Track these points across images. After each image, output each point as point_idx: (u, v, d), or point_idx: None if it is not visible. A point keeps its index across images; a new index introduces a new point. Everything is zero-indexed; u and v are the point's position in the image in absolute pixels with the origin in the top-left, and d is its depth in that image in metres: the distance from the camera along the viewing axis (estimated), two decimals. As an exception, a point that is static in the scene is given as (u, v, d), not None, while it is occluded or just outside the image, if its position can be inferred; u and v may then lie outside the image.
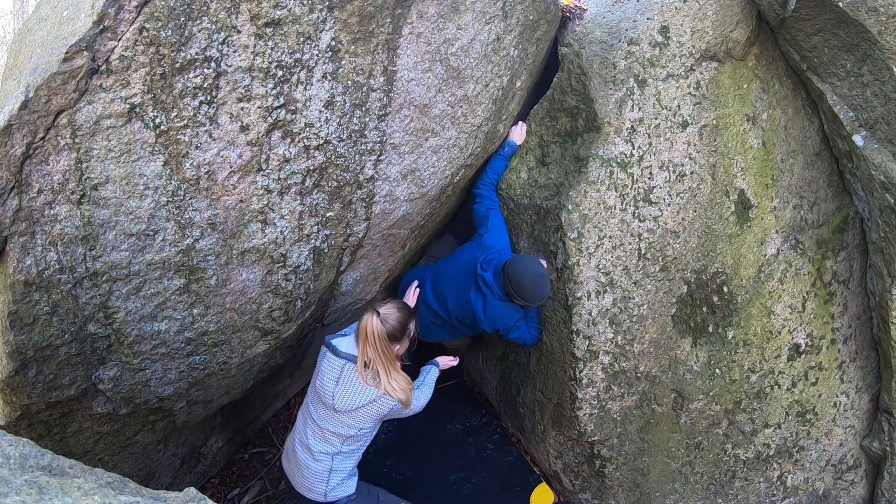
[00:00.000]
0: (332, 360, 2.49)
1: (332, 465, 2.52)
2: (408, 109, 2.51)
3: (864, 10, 2.70)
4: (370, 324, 2.41)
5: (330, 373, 2.48)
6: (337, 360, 2.48)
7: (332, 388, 2.46)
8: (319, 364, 2.56)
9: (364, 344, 2.42)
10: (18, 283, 2.07)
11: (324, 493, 2.53)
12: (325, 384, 2.48)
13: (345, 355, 2.48)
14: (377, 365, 2.42)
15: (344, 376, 2.45)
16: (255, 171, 2.26)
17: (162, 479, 3.14)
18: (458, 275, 3.00)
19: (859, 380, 3.59)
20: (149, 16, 1.90)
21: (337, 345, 2.53)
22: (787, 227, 3.34)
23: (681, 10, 3.00)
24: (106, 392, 2.44)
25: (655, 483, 3.43)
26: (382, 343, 2.41)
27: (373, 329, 2.40)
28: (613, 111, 2.98)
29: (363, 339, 2.42)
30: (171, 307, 2.36)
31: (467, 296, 2.92)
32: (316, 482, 2.53)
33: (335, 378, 2.46)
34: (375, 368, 2.43)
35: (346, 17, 2.19)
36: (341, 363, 2.47)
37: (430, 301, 3.10)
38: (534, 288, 2.77)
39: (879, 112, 2.94)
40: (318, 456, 2.51)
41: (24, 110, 1.90)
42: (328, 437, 2.50)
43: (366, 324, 2.42)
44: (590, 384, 3.16)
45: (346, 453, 2.53)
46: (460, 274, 2.99)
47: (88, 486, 1.26)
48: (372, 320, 2.42)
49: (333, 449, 2.50)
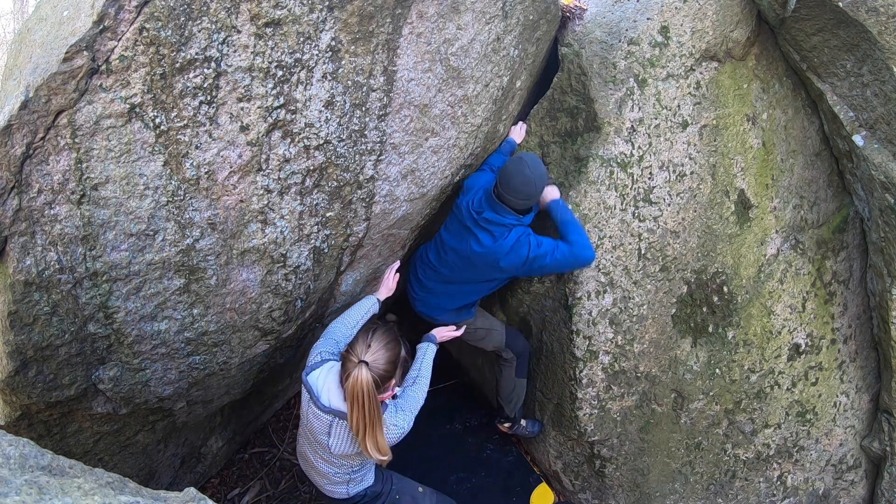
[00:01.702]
0: (319, 415, 2.29)
1: (349, 477, 2.47)
2: (408, 109, 2.51)
3: (864, 10, 2.70)
4: (360, 380, 2.14)
5: (319, 427, 2.31)
6: (323, 415, 2.28)
7: (325, 439, 2.32)
8: (305, 410, 2.37)
9: (353, 405, 2.17)
10: (18, 283, 2.07)
11: (346, 491, 2.50)
12: (317, 435, 2.33)
13: (330, 411, 2.26)
14: (360, 429, 2.19)
15: (334, 430, 2.29)
16: (255, 171, 2.26)
17: (162, 479, 3.14)
18: (454, 239, 2.86)
19: (859, 380, 3.59)
20: (149, 16, 1.90)
21: (318, 392, 2.28)
22: (787, 227, 3.34)
23: (681, 10, 3.00)
24: (106, 392, 2.44)
25: (655, 483, 3.43)
26: (371, 399, 2.17)
27: (362, 386, 2.14)
28: (613, 111, 2.98)
29: (352, 400, 2.17)
30: (171, 307, 2.36)
31: (473, 249, 2.72)
32: (338, 488, 2.50)
33: (326, 433, 2.30)
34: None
35: (346, 17, 2.19)
36: (329, 419, 2.27)
37: (434, 265, 2.95)
38: (527, 181, 2.57)
39: (879, 112, 2.94)
40: (335, 475, 2.45)
41: (24, 110, 1.90)
42: (337, 464, 2.41)
43: (354, 382, 2.15)
44: (590, 384, 3.16)
45: (358, 468, 2.46)
46: (454, 237, 2.85)
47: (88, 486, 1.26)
48: (361, 376, 2.15)
49: (345, 470, 2.44)
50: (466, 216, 2.77)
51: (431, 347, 2.78)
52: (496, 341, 3.19)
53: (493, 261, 2.72)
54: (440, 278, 2.95)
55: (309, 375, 2.32)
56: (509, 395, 3.35)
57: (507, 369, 3.26)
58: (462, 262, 2.83)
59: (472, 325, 3.12)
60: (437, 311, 3.02)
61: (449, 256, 2.88)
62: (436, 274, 2.96)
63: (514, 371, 3.25)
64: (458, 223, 2.84)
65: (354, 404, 2.17)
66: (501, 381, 3.33)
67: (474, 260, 2.76)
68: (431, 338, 2.83)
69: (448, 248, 2.88)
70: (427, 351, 2.73)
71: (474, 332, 3.16)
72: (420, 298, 3.06)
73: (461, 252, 2.80)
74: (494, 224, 2.69)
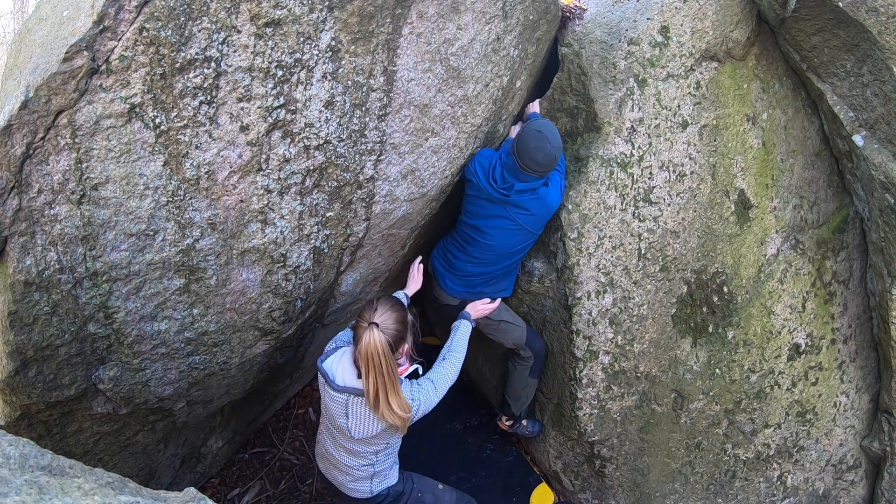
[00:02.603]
0: (335, 396, 2.28)
1: (373, 471, 2.41)
2: (408, 109, 2.51)
3: (864, 10, 2.70)
4: (372, 341, 2.11)
5: (336, 409, 2.29)
6: (339, 395, 2.26)
7: (344, 422, 2.28)
8: (323, 395, 2.38)
9: (368, 369, 2.13)
10: (18, 283, 2.07)
11: (369, 489, 2.45)
12: (336, 419, 2.30)
13: (345, 389, 2.25)
14: (379, 391, 2.15)
15: (351, 410, 2.25)
16: (255, 171, 2.26)
17: (162, 479, 3.14)
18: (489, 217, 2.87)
19: (859, 380, 3.59)
20: (149, 16, 1.90)
21: (332, 374, 2.29)
22: (787, 227, 3.34)
23: (681, 10, 3.00)
24: (106, 392, 2.44)
25: (655, 483, 3.43)
26: (387, 360, 2.13)
27: (376, 346, 2.11)
28: (613, 111, 2.98)
29: (367, 363, 2.13)
30: (171, 307, 2.36)
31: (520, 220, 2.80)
32: (360, 485, 2.45)
33: (343, 413, 2.27)
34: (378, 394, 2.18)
35: (346, 17, 2.19)
36: (344, 398, 2.25)
37: (468, 250, 2.95)
38: (549, 156, 2.67)
39: (879, 112, 2.94)
40: (359, 469, 2.39)
41: (24, 110, 1.90)
42: (360, 454, 2.36)
43: (367, 344, 2.12)
44: (590, 384, 3.16)
45: (382, 459, 2.41)
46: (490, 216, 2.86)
47: (88, 486, 1.26)
48: (373, 337, 2.12)
49: (369, 461, 2.38)
50: (495, 194, 2.81)
51: (465, 324, 2.66)
52: (517, 337, 3.18)
53: (546, 213, 2.87)
54: (477, 261, 2.97)
55: (324, 362, 2.33)
56: (518, 394, 3.35)
57: (522, 368, 3.25)
58: (509, 234, 2.87)
59: (497, 317, 3.11)
60: (477, 288, 3.02)
61: (489, 237, 2.88)
62: (472, 257, 2.96)
63: (529, 370, 3.25)
64: (486, 202, 2.85)
65: (370, 366, 2.12)
66: (513, 378, 3.32)
67: (528, 225, 2.85)
68: (466, 314, 2.73)
69: (484, 231, 2.88)
70: (460, 327, 2.63)
71: (497, 325, 3.14)
72: (452, 285, 3.03)
73: (506, 225, 2.84)
74: (526, 192, 2.78)
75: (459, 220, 3.04)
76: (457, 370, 2.51)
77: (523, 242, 2.95)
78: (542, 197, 2.81)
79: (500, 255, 2.94)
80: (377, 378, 2.13)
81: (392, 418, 2.17)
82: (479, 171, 2.84)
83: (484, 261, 2.95)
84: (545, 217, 2.90)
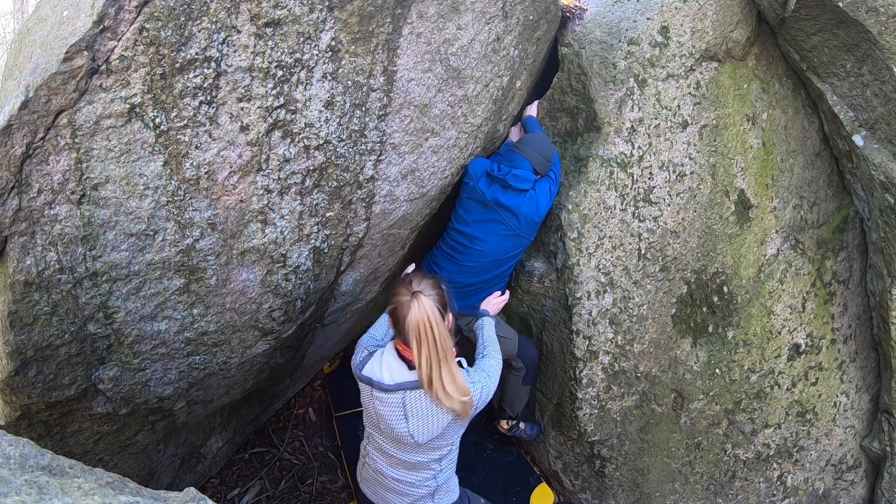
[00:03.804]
0: (388, 399, 2.05)
1: (436, 485, 2.20)
2: (408, 109, 2.51)
3: (864, 10, 2.70)
4: (422, 309, 1.93)
5: (392, 413, 2.06)
6: (391, 396, 2.04)
7: (404, 427, 2.05)
8: (370, 407, 2.14)
9: (421, 342, 1.93)
10: (18, 283, 2.07)
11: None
12: (395, 426, 2.06)
13: (397, 387, 2.04)
14: (433, 369, 1.95)
15: (410, 409, 2.03)
16: (255, 171, 2.26)
17: (162, 479, 3.14)
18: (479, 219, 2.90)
19: (859, 380, 3.59)
20: (149, 16, 1.90)
21: (379, 378, 2.08)
22: (787, 227, 3.34)
23: (681, 10, 3.00)
24: (106, 392, 2.44)
25: (655, 483, 3.43)
26: (439, 329, 1.94)
27: (427, 314, 1.92)
28: (613, 111, 2.98)
29: (418, 337, 1.93)
30: (171, 307, 2.36)
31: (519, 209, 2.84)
32: (422, 500, 2.24)
33: (402, 416, 2.04)
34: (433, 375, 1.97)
35: (346, 17, 2.19)
36: (399, 398, 2.03)
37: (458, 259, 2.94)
38: (547, 150, 2.93)
39: (879, 112, 2.93)
40: (421, 485, 2.18)
41: (24, 110, 1.89)
42: (421, 466, 2.15)
43: (417, 314, 1.93)
44: (590, 384, 3.16)
45: (445, 468, 2.21)
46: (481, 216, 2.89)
47: (88, 486, 1.26)
48: (423, 304, 1.94)
49: (432, 472, 2.17)
50: (489, 194, 2.84)
51: (488, 321, 2.61)
52: (509, 349, 3.14)
53: (536, 215, 2.90)
54: (469, 270, 2.95)
55: (363, 370, 2.14)
56: (512, 400, 3.36)
57: (515, 378, 3.23)
58: (501, 239, 2.89)
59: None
60: (471, 300, 2.97)
61: (481, 242, 2.89)
62: (463, 266, 2.94)
63: (522, 380, 3.24)
64: (479, 205, 2.89)
65: (422, 340, 1.93)
66: (507, 388, 3.32)
67: (519, 229, 2.89)
68: (484, 312, 2.68)
69: (476, 237, 2.90)
70: (485, 324, 2.57)
71: None
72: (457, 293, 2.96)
73: (498, 230, 2.87)
74: (522, 179, 2.83)
75: (449, 230, 3.03)
76: (500, 362, 2.36)
77: (515, 249, 2.95)
78: (531, 198, 2.85)
79: (492, 261, 2.93)
80: (430, 352, 1.94)
81: (449, 402, 1.97)
82: (475, 173, 2.88)
83: (475, 269, 2.94)
84: (535, 221, 2.91)
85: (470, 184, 2.88)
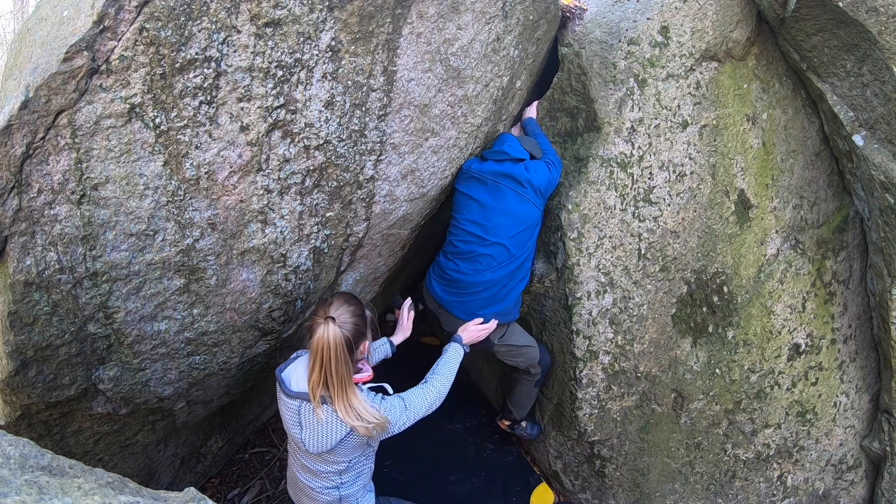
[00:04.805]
0: (289, 404, 2.09)
1: (339, 495, 2.22)
2: (408, 109, 2.51)
3: (864, 10, 2.70)
4: (328, 337, 1.95)
5: (289, 417, 2.11)
6: (291, 402, 2.08)
7: (298, 433, 2.09)
8: (279, 407, 2.19)
9: (315, 362, 1.97)
10: (18, 283, 2.07)
11: None
12: (291, 430, 2.13)
13: (297, 394, 2.08)
14: (321, 384, 1.99)
15: (304, 419, 2.07)
16: (255, 171, 2.26)
17: (162, 479, 3.14)
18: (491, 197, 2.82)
19: (859, 380, 3.59)
20: (149, 16, 1.90)
21: (287, 381, 2.13)
22: (787, 227, 3.34)
23: (681, 10, 3.00)
24: (106, 392, 2.44)
25: (655, 483, 3.43)
26: (340, 356, 1.96)
27: (328, 341, 1.95)
28: (613, 111, 2.98)
29: (314, 355, 1.97)
30: (171, 307, 2.36)
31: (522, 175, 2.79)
32: None
33: (297, 422, 2.09)
34: (329, 396, 2.01)
35: (346, 17, 2.19)
36: (297, 405, 2.08)
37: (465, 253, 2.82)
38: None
39: (879, 112, 2.93)
40: (322, 492, 2.22)
41: (24, 110, 1.90)
42: (322, 475, 2.18)
43: (319, 338, 1.96)
44: (590, 384, 3.16)
45: (347, 482, 2.22)
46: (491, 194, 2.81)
47: (88, 486, 1.26)
48: (328, 330, 1.96)
49: (332, 483, 2.20)
50: (486, 167, 2.83)
51: (456, 349, 2.47)
52: (532, 357, 3.12)
53: (537, 181, 2.82)
54: (488, 259, 2.80)
55: (283, 371, 2.19)
56: (521, 402, 3.36)
57: (528, 382, 3.23)
58: (513, 205, 2.79)
59: (515, 342, 3.03)
60: (490, 309, 2.84)
61: (494, 213, 2.78)
62: (476, 262, 2.81)
63: (534, 384, 3.25)
64: (479, 184, 2.83)
65: (316, 360, 1.96)
66: (518, 390, 3.31)
67: (525, 193, 2.80)
68: (457, 338, 2.55)
69: (488, 210, 2.79)
70: (450, 352, 2.45)
71: (518, 350, 3.05)
72: (461, 307, 2.85)
73: (507, 197, 2.79)
74: (514, 149, 2.85)
75: (451, 232, 2.91)
76: (437, 397, 2.27)
77: (529, 216, 2.79)
78: (528, 166, 2.82)
79: (512, 238, 2.76)
80: (325, 375, 1.98)
81: (347, 419, 1.99)
82: (465, 166, 2.91)
83: (495, 258, 2.77)
84: (536, 186, 2.79)
85: (465, 168, 2.87)
